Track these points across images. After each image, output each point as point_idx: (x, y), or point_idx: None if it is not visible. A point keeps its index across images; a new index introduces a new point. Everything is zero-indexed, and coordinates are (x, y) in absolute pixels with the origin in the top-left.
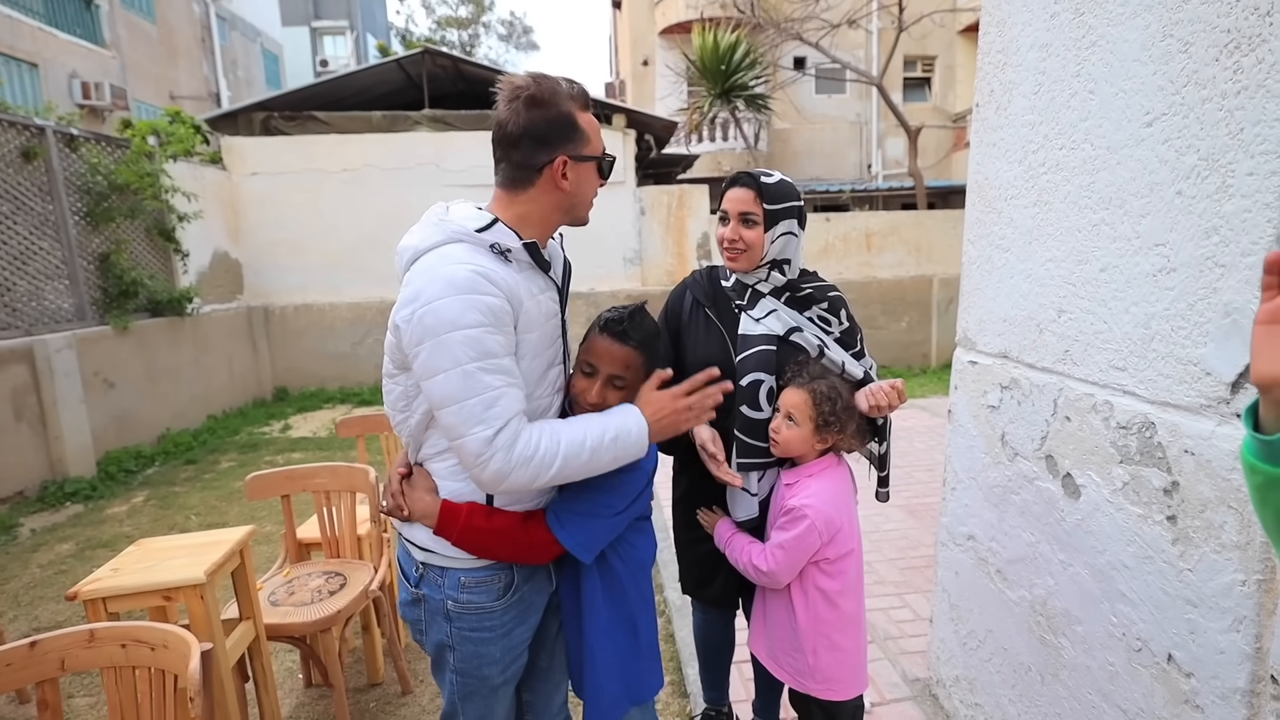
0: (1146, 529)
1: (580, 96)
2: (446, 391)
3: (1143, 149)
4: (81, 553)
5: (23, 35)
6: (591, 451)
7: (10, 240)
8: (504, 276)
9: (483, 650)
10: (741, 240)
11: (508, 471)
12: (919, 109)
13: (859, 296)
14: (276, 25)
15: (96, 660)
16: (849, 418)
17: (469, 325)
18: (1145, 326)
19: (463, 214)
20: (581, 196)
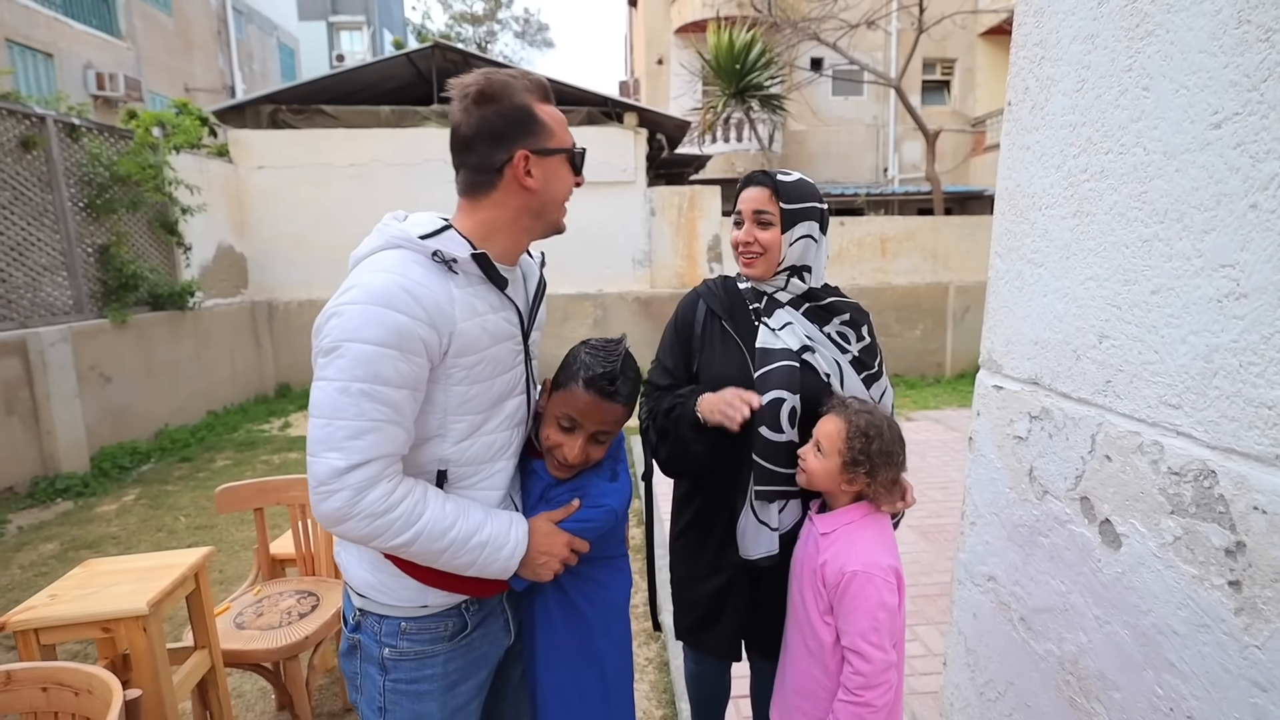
0: (1202, 593)
1: (538, 88)
2: (320, 401)
3: (1208, 154)
4: (65, 553)
5: (38, 25)
6: (451, 544)
7: (7, 231)
8: (435, 293)
9: (420, 708)
10: (757, 243)
11: (346, 515)
12: (938, 112)
13: (873, 303)
14: (293, 19)
15: (13, 705)
16: (883, 464)
17: (367, 340)
18: (1206, 360)
19: (414, 220)
20: (552, 196)
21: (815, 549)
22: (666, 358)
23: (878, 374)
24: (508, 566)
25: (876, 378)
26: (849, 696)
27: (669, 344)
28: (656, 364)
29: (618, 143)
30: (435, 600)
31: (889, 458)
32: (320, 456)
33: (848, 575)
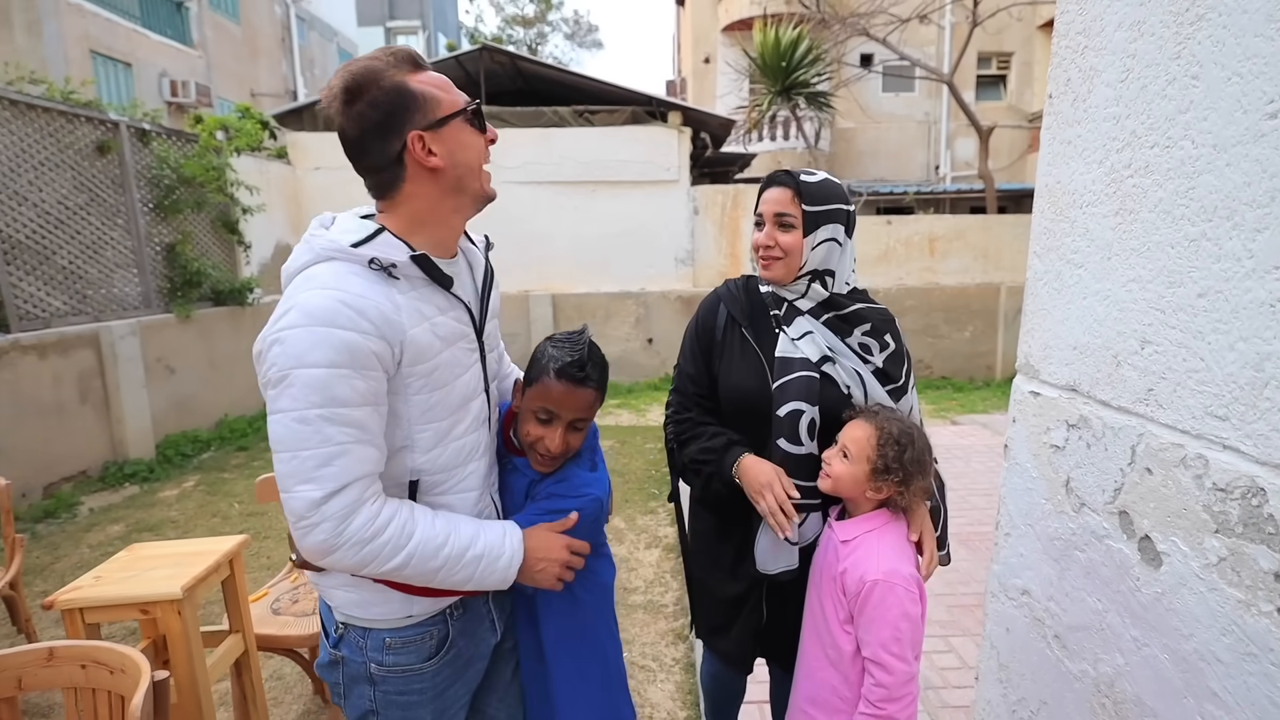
0: (1249, 619)
1: (406, 60)
2: (280, 435)
3: (1262, 146)
4: (129, 535)
5: (119, 37)
6: (446, 561)
7: (84, 230)
8: (379, 303)
9: (411, 714)
10: (778, 246)
11: (333, 547)
12: (993, 108)
13: (920, 304)
14: (352, 25)
15: (55, 680)
16: (916, 472)
17: (316, 364)
18: (1257, 369)
19: (342, 226)
20: (465, 165)
21: (835, 557)
22: (688, 364)
23: (903, 387)
24: (506, 577)
25: (902, 391)
26: (871, 709)
27: (689, 349)
28: (680, 370)
29: (661, 142)
30: (420, 610)
31: (921, 466)
32: (293, 491)
33: (869, 584)
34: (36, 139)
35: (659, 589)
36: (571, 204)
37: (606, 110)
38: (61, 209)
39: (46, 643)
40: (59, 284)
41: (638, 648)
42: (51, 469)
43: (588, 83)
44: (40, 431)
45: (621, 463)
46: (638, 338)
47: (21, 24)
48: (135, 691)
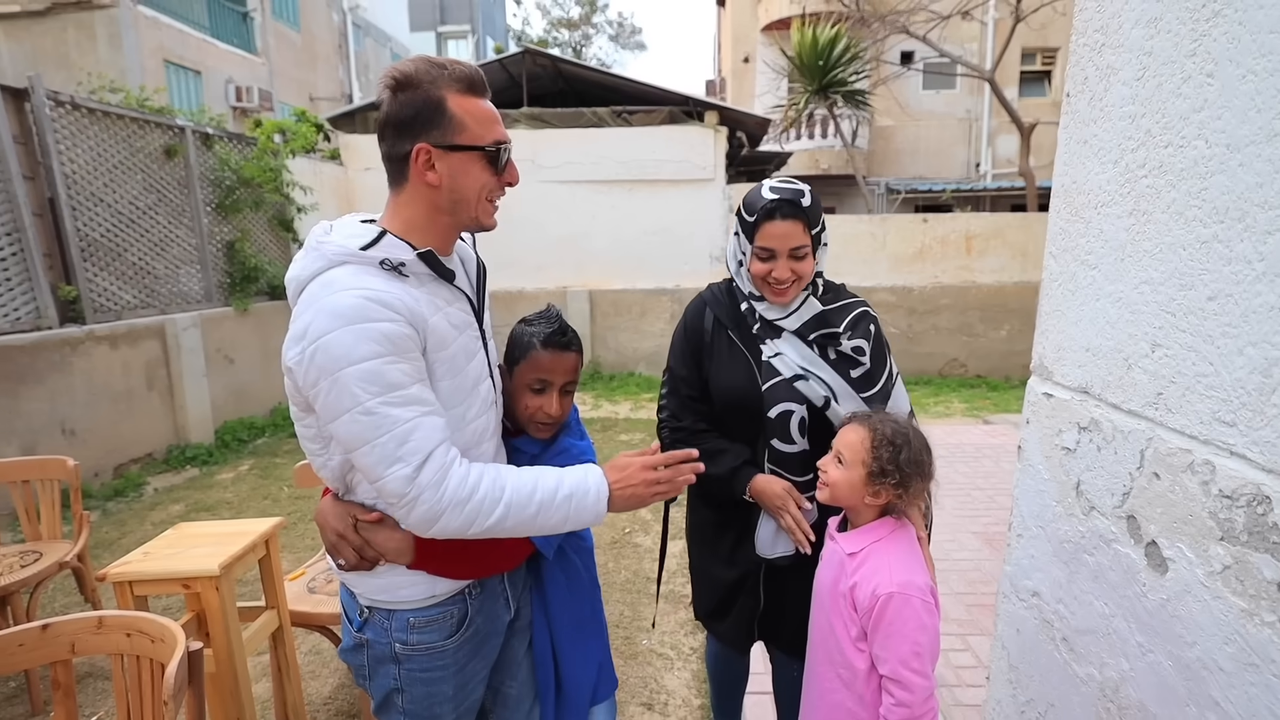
0: (1252, 629)
1: (464, 79)
2: (353, 433)
3: (1275, 146)
4: (188, 514)
5: (190, 46)
6: (540, 506)
7: (152, 229)
8: (400, 296)
9: (435, 689)
10: (794, 273)
11: (437, 513)
12: (1037, 104)
13: (955, 302)
14: (405, 31)
15: (104, 646)
16: (913, 474)
17: (365, 358)
18: (1265, 374)
19: (345, 231)
20: (461, 194)
21: (842, 571)
22: (680, 366)
23: (884, 391)
24: (599, 510)
25: (884, 395)
26: None
27: (680, 350)
28: (671, 372)
29: (697, 141)
30: (443, 590)
31: (919, 467)
32: (385, 477)
33: (883, 597)
34: (111, 144)
35: (681, 579)
36: (609, 202)
37: (644, 110)
38: (132, 209)
39: (97, 612)
40: (129, 279)
41: (657, 636)
42: (121, 451)
43: (626, 84)
44: (112, 416)
45: None
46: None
47: (104, 37)
48: (172, 659)
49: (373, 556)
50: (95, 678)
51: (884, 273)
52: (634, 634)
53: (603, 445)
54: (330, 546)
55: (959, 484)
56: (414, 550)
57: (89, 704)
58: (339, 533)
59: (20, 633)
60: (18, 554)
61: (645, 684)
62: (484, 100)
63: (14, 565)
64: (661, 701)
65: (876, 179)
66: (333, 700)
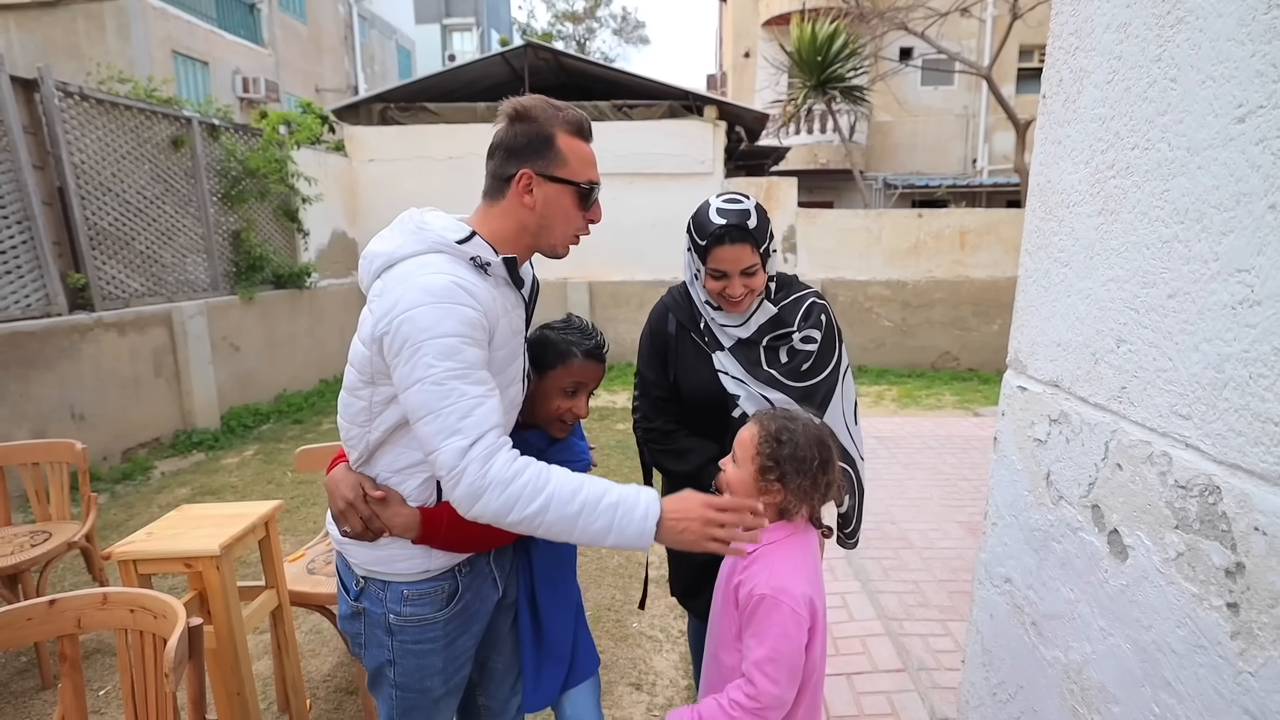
0: (1201, 613)
1: (574, 123)
2: (422, 401)
3: (1230, 150)
4: (194, 498)
5: (198, 37)
6: (583, 507)
7: (159, 218)
8: (482, 291)
9: (425, 662)
10: (746, 288)
11: (479, 490)
12: (1034, 101)
13: (948, 296)
14: (410, 23)
15: (109, 621)
16: (795, 472)
17: (447, 334)
18: (1217, 369)
19: (441, 223)
20: (549, 221)
21: (734, 568)
22: (648, 369)
23: (829, 380)
24: (644, 529)
25: (827, 386)
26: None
27: (647, 355)
28: (641, 375)
29: (696, 135)
30: (436, 564)
31: (800, 464)
32: (442, 446)
33: (756, 598)
34: (119, 134)
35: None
36: (609, 194)
37: (645, 105)
38: (140, 198)
39: (102, 589)
40: (137, 267)
41: (646, 619)
42: (129, 435)
43: (627, 78)
44: (120, 401)
45: None
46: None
47: (113, 28)
48: (173, 634)
49: (379, 528)
50: (103, 654)
51: (879, 267)
52: (625, 617)
53: (600, 434)
54: (338, 513)
55: (946, 474)
56: (420, 527)
57: (97, 679)
58: (349, 500)
59: (28, 607)
60: (28, 534)
61: (634, 665)
62: (587, 144)
63: (24, 545)
64: (650, 682)
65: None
66: (331, 678)
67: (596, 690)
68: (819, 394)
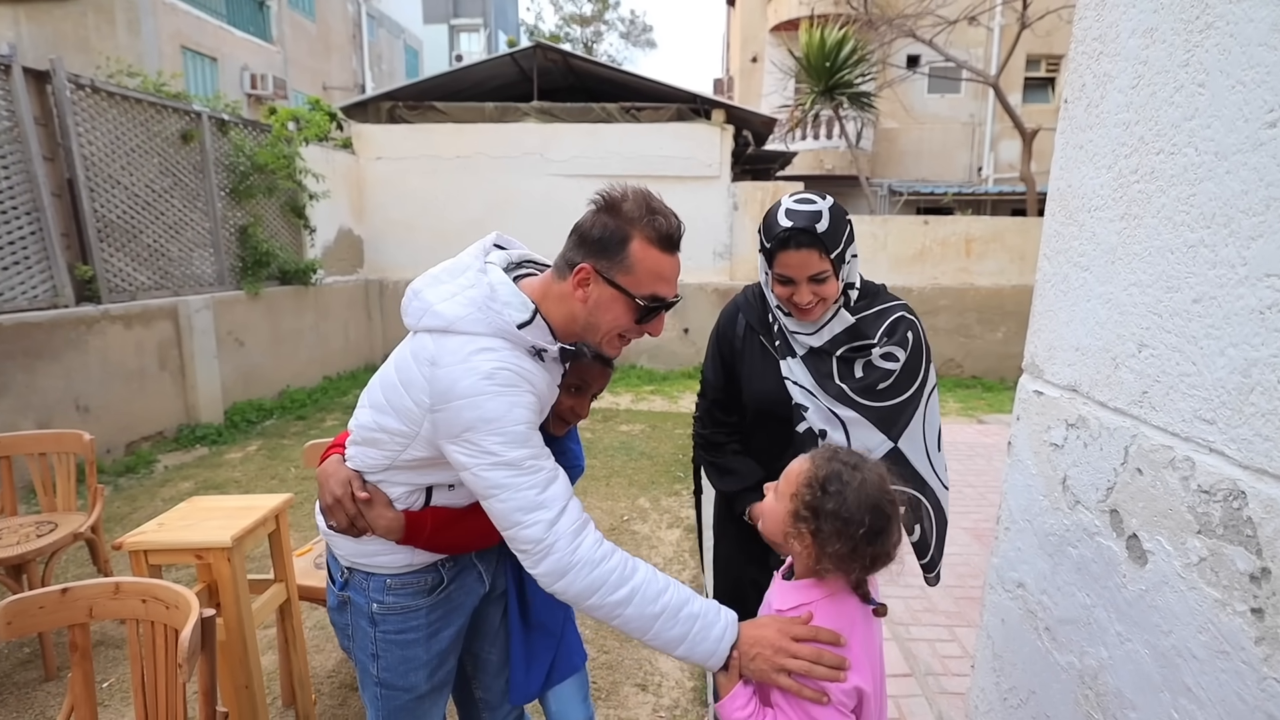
0: (1224, 618)
1: (660, 230)
2: (495, 481)
3: (1261, 155)
4: (197, 491)
5: (207, 33)
6: (665, 610)
7: (167, 212)
8: (538, 379)
9: (408, 653)
10: (815, 296)
11: (567, 566)
12: (1040, 110)
13: (953, 304)
14: (419, 23)
15: (121, 611)
16: (832, 533)
17: (518, 422)
18: (1244, 374)
19: (507, 298)
20: (596, 321)
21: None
22: (709, 370)
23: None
24: (717, 650)
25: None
26: None
27: (711, 354)
28: (704, 376)
29: (704, 139)
30: (419, 559)
31: (842, 524)
32: (524, 522)
33: None
34: (129, 127)
35: (677, 566)
36: None
37: (652, 107)
38: (148, 192)
39: (115, 578)
40: (144, 260)
41: None
42: (133, 428)
43: (635, 80)
44: (125, 394)
45: (652, 446)
46: (674, 327)
47: (123, 22)
48: (186, 625)
49: (364, 526)
50: (105, 646)
51: (884, 273)
52: None
53: (603, 435)
54: (325, 507)
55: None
56: (403, 530)
57: (99, 671)
58: (337, 497)
59: (41, 595)
60: (34, 524)
61: (640, 666)
62: (669, 256)
63: (30, 535)
64: (655, 682)
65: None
66: (336, 673)
67: (584, 686)
68: (898, 418)
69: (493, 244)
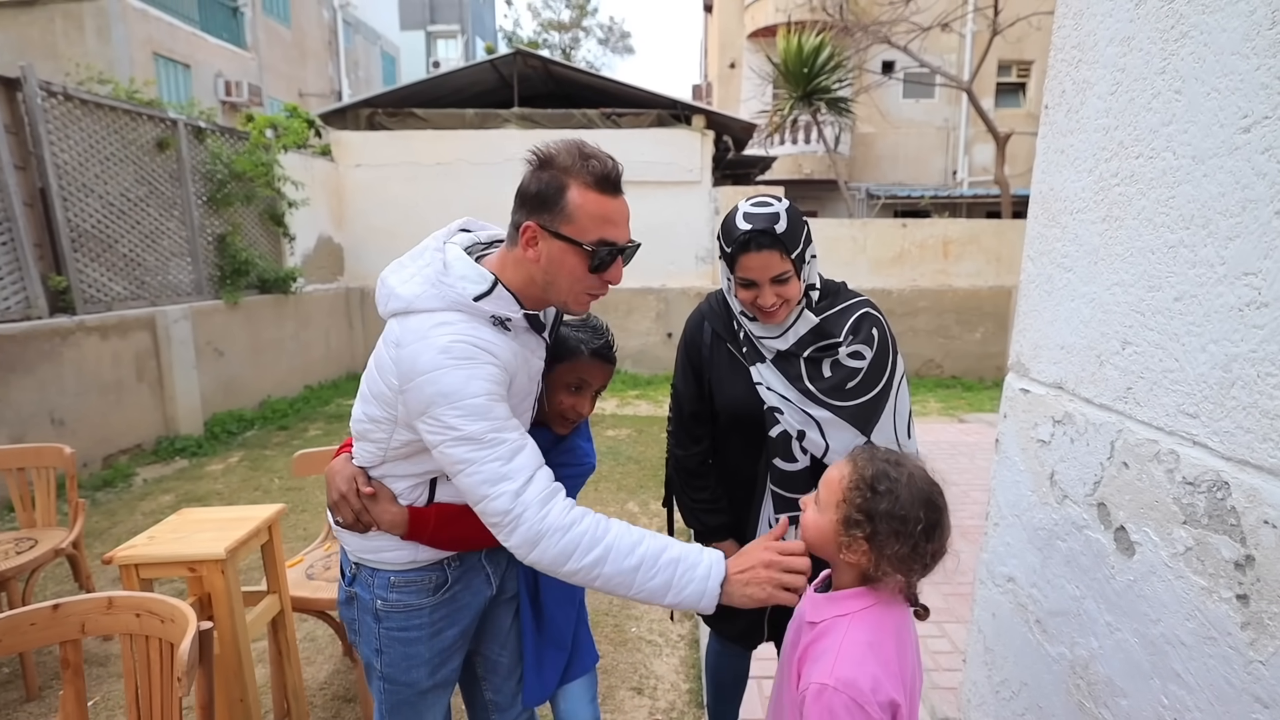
0: (1211, 605)
1: (596, 174)
2: (459, 457)
3: (1236, 159)
4: (178, 505)
5: (180, 40)
6: (642, 560)
7: (143, 220)
8: (502, 348)
9: (410, 650)
10: (779, 298)
11: (538, 534)
12: (1012, 115)
13: (932, 305)
14: (395, 29)
15: (114, 626)
16: (890, 534)
17: (475, 394)
18: (1225, 369)
19: (461, 272)
20: (553, 278)
21: (799, 636)
22: (680, 381)
23: (875, 399)
24: (706, 589)
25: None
26: None
27: (681, 366)
28: (674, 388)
29: (684, 144)
30: (424, 556)
31: (900, 524)
32: (491, 494)
33: (814, 689)
34: (103, 135)
35: None
36: None
37: (633, 113)
38: (124, 200)
39: (107, 593)
40: (120, 270)
41: (645, 623)
42: (110, 441)
43: (616, 86)
44: (101, 406)
45: (639, 450)
46: (658, 332)
47: (92, 29)
48: (183, 639)
49: (369, 521)
50: (90, 664)
51: (864, 275)
52: (623, 622)
53: None
54: (332, 503)
55: None
56: (407, 525)
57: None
58: (342, 492)
59: (32, 612)
60: (13, 540)
61: (635, 669)
62: (611, 199)
63: (9, 552)
64: (651, 686)
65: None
66: (328, 686)
67: (593, 686)
68: (871, 414)
69: (459, 228)
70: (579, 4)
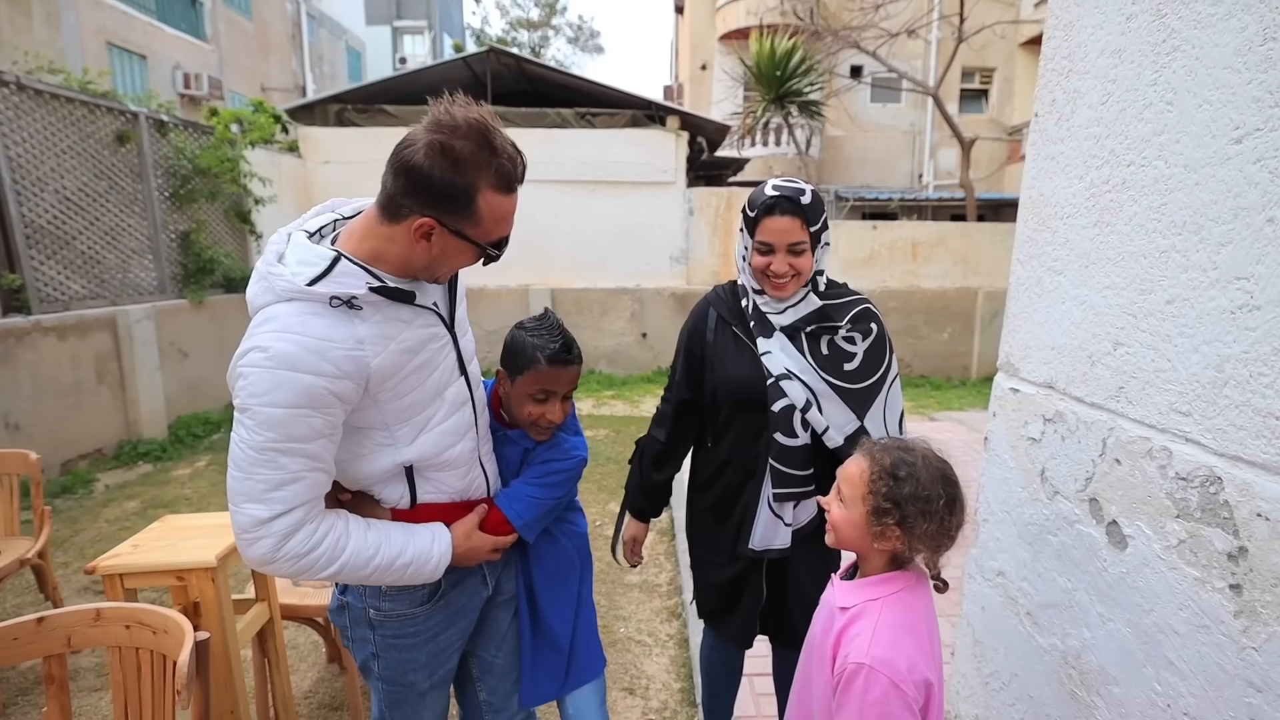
0: (1204, 595)
1: (505, 176)
2: (235, 456)
3: (1228, 168)
4: (145, 511)
5: (135, 29)
6: (375, 569)
7: (103, 217)
8: (341, 344)
9: (407, 656)
10: (792, 268)
11: (270, 559)
12: (975, 120)
13: (902, 306)
14: (361, 24)
15: (102, 639)
16: (919, 514)
17: (276, 405)
18: (1217, 369)
19: (297, 257)
20: (441, 263)
21: (831, 624)
22: (677, 366)
23: (878, 383)
24: (435, 572)
25: (876, 389)
26: None
27: (681, 351)
28: (670, 378)
29: (659, 145)
30: None
31: (925, 504)
32: (240, 508)
33: (851, 667)
34: (59, 127)
35: (653, 569)
36: (572, 202)
37: (607, 113)
38: (82, 196)
39: (94, 604)
40: (78, 268)
41: (634, 624)
42: (69, 446)
43: (590, 86)
44: (59, 410)
45: (617, 450)
46: (632, 332)
47: (41, 15)
48: (177, 651)
49: None
50: None
51: (835, 276)
52: (611, 623)
53: None
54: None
55: None
56: None
57: None
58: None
59: (15, 626)
60: None
61: (625, 670)
62: (511, 197)
63: None
64: (642, 686)
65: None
66: (313, 694)
67: (601, 692)
68: (866, 400)
69: (316, 211)
70: (548, 2)
